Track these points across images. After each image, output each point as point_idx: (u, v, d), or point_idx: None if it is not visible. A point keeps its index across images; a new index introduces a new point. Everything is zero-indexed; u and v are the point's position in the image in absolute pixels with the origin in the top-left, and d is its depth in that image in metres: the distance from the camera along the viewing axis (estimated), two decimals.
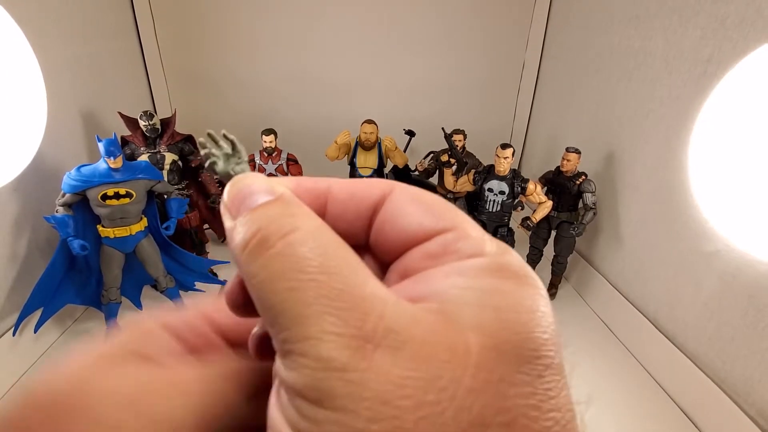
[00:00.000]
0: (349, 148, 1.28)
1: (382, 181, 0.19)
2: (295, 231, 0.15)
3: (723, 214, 0.83)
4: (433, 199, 0.18)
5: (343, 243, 0.15)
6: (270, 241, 0.14)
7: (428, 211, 0.17)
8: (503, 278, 0.15)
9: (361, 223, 0.18)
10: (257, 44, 1.66)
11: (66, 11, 1.18)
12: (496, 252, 0.16)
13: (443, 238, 0.16)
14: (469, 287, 0.15)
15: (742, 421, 0.76)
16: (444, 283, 0.15)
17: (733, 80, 0.80)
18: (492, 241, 0.17)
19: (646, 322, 1.01)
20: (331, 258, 0.14)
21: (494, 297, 0.14)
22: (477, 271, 0.15)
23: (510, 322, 0.14)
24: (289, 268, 0.14)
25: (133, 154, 1.14)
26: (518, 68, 1.73)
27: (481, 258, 0.16)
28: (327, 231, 0.15)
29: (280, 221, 0.15)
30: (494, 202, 1.08)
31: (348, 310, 0.13)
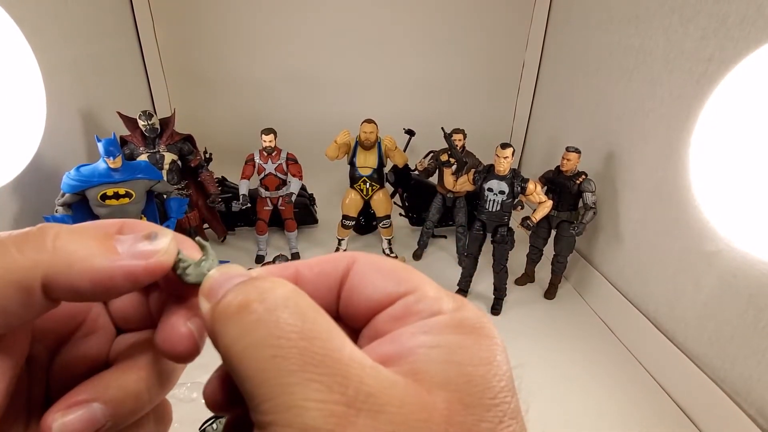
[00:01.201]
0: (348, 148, 1.28)
1: (344, 255, 0.20)
2: (274, 296, 0.15)
3: (723, 214, 0.83)
4: (392, 265, 0.19)
5: (319, 307, 0.16)
6: (251, 307, 0.15)
7: (389, 278, 0.19)
8: (462, 333, 0.17)
9: (330, 297, 0.20)
10: (257, 44, 1.66)
11: (65, 12, 1.18)
12: (453, 308, 0.18)
13: (405, 301, 0.18)
14: (435, 345, 0.16)
15: (742, 420, 0.76)
16: (412, 342, 0.16)
17: (735, 80, 0.80)
18: (449, 297, 0.18)
19: (646, 322, 1.02)
20: (310, 322, 0.15)
21: (456, 353, 0.16)
22: (439, 328, 0.17)
23: (471, 375, 0.15)
24: (270, 334, 0.14)
25: (132, 153, 1.14)
26: (518, 68, 1.73)
27: (441, 316, 0.17)
28: (303, 295, 0.16)
29: (260, 287, 0.16)
30: (494, 201, 1.08)
31: (330, 375, 0.14)
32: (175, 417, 0.76)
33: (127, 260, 0.16)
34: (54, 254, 0.15)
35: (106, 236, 0.17)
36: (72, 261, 0.16)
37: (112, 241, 0.17)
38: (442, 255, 1.44)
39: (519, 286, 1.28)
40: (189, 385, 0.84)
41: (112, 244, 0.17)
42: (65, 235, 0.16)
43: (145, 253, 0.17)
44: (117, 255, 0.16)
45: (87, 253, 0.16)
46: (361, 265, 0.19)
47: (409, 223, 1.54)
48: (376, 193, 1.32)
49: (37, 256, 0.15)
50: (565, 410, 0.88)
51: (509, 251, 1.13)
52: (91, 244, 0.16)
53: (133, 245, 0.17)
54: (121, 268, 0.16)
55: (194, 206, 1.28)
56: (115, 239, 0.17)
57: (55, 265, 0.15)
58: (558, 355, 1.03)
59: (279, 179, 1.28)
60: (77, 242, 0.16)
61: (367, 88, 1.74)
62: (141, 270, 0.17)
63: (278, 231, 1.43)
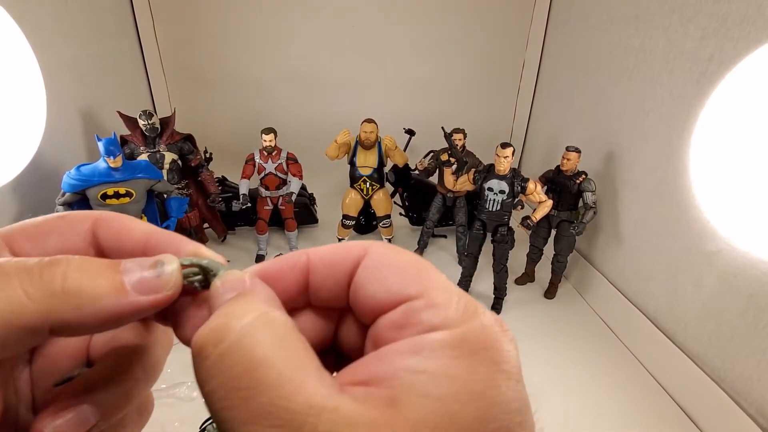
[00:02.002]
0: (349, 147, 1.28)
1: (357, 244, 0.19)
2: (229, 336, 0.14)
3: (724, 213, 0.83)
4: (404, 261, 0.18)
5: (286, 335, 0.15)
6: (206, 351, 0.14)
7: (396, 278, 0.17)
8: (458, 356, 0.15)
9: (340, 289, 0.19)
10: (257, 44, 1.66)
11: (66, 11, 1.18)
12: (458, 321, 0.16)
13: (408, 307, 0.16)
14: (421, 371, 0.14)
15: (742, 419, 0.76)
16: (398, 362, 0.15)
17: (735, 80, 0.80)
18: (458, 304, 0.16)
19: (646, 321, 1.02)
20: (262, 367, 0.14)
21: (441, 384, 0.14)
22: (433, 348, 0.15)
23: (454, 415, 0.14)
24: (221, 385, 0.14)
25: (132, 153, 1.14)
26: (518, 68, 1.73)
27: (439, 332, 0.15)
28: (267, 324, 0.15)
29: (219, 327, 0.15)
30: (494, 201, 1.08)
31: (280, 427, 0.13)
32: (175, 416, 0.77)
33: (136, 297, 0.16)
34: (64, 298, 0.15)
35: (112, 269, 0.16)
36: (81, 304, 0.15)
37: (119, 274, 0.16)
38: (442, 255, 1.44)
39: (519, 285, 1.28)
40: (189, 384, 0.84)
41: (120, 279, 0.16)
42: (74, 274, 0.15)
43: (153, 287, 0.16)
44: (126, 293, 0.16)
45: (96, 293, 0.15)
46: (371, 258, 0.18)
47: (409, 222, 1.54)
48: (376, 192, 1.32)
49: (45, 301, 0.15)
50: (564, 410, 0.88)
51: (509, 251, 1.13)
52: (100, 283, 0.16)
53: (141, 277, 0.16)
54: (130, 305, 0.16)
55: (194, 206, 1.28)
56: (122, 269, 0.16)
57: (65, 309, 0.15)
58: (558, 354, 1.03)
59: (279, 179, 1.28)
60: (86, 281, 0.15)
61: (367, 88, 1.74)
62: (149, 305, 0.16)
63: (278, 230, 1.43)
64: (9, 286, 0.14)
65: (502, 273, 1.14)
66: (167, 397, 0.83)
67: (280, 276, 0.19)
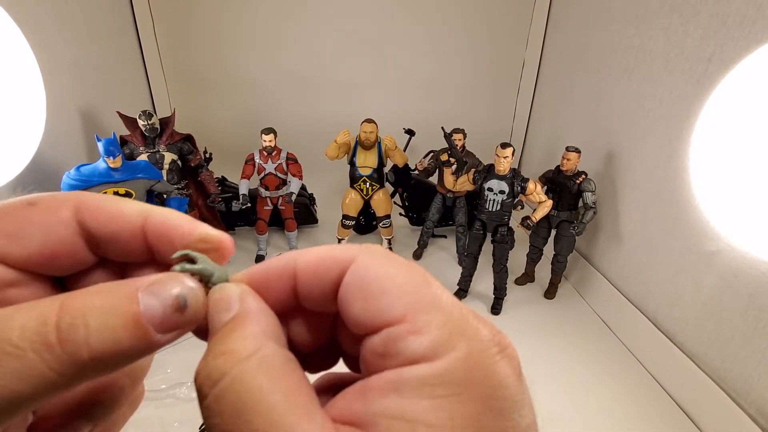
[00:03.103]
0: (348, 148, 1.28)
1: (343, 251, 0.17)
2: (224, 377, 0.14)
3: (724, 213, 0.83)
4: (388, 275, 0.16)
5: (281, 369, 0.15)
6: (203, 392, 0.15)
7: (378, 297, 0.15)
8: (440, 397, 0.13)
9: (327, 299, 0.17)
10: (257, 44, 1.66)
11: (65, 11, 1.18)
12: (442, 349, 0.14)
13: (388, 334, 0.15)
14: (399, 416, 0.13)
15: (742, 419, 0.76)
16: (378, 404, 0.14)
17: (735, 79, 0.80)
18: (444, 327, 0.14)
19: (646, 321, 1.02)
20: (253, 411, 0.14)
21: None
22: (413, 388, 0.14)
23: None
24: (217, 425, 0.14)
25: (132, 153, 1.14)
26: (518, 68, 1.73)
27: (420, 366, 0.14)
28: (261, 360, 0.15)
29: (213, 365, 0.15)
30: (494, 201, 1.08)
31: None
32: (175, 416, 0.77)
33: (160, 338, 0.15)
34: (91, 365, 0.14)
35: (134, 318, 0.15)
36: (109, 364, 0.15)
37: (141, 319, 0.15)
38: (442, 255, 1.44)
39: (519, 285, 1.28)
40: (189, 384, 0.84)
41: (145, 329, 0.15)
42: (96, 337, 0.14)
43: (176, 324, 0.16)
44: (152, 342, 0.15)
45: (123, 349, 0.14)
46: (355, 273, 0.17)
47: (409, 222, 1.54)
48: (376, 192, 1.32)
49: (72, 372, 0.14)
50: (564, 410, 0.88)
51: (509, 251, 1.13)
52: (125, 336, 0.14)
53: (163, 318, 0.15)
54: (155, 347, 0.15)
55: (194, 206, 1.28)
56: (143, 309, 0.15)
57: (93, 372, 0.14)
58: (558, 354, 1.03)
59: (279, 179, 1.28)
60: (110, 343, 0.14)
61: (367, 88, 1.74)
62: (172, 340, 0.16)
63: (278, 231, 1.43)
64: (27, 363, 0.13)
65: (502, 273, 1.14)
66: (167, 397, 0.83)
67: (269, 284, 0.18)
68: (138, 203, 0.18)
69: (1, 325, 0.14)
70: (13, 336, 0.13)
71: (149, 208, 0.18)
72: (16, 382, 0.13)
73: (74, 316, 0.14)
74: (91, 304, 0.15)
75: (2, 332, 0.13)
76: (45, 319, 0.14)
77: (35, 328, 0.14)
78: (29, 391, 0.13)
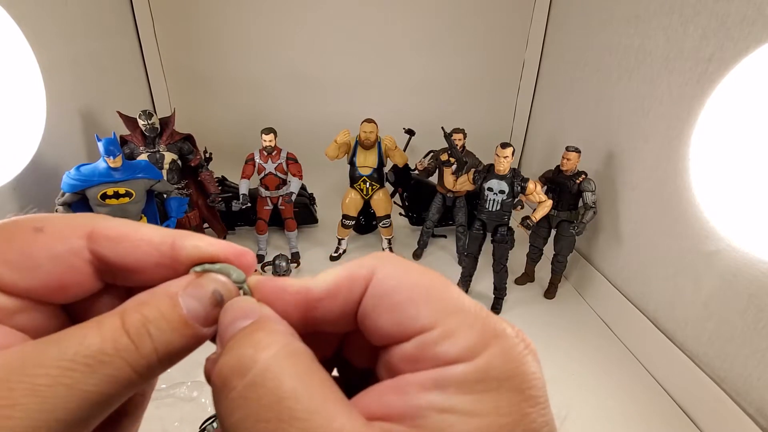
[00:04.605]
0: (348, 147, 1.28)
1: (362, 266, 0.17)
2: (254, 368, 0.14)
3: (724, 213, 0.83)
4: (412, 284, 0.16)
5: (308, 367, 0.15)
6: (231, 383, 0.14)
7: (405, 307, 0.16)
8: (483, 391, 0.14)
9: (346, 319, 0.18)
10: (257, 43, 1.66)
11: (65, 11, 1.18)
12: (477, 349, 0.15)
13: (421, 340, 0.15)
14: (447, 409, 0.14)
15: (741, 419, 0.76)
16: (421, 399, 0.14)
17: (735, 79, 0.80)
18: (475, 329, 0.15)
19: (646, 321, 1.02)
20: (290, 400, 0.13)
21: (470, 423, 0.14)
22: (456, 383, 0.14)
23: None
24: (248, 416, 0.14)
25: (132, 153, 1.14)
26: (518, 68, 1.73)
27: (461, 366, 0.15)
28: (289, 356, 0.15)
29: (242, 359, 0.15)
30: (494, 201, 1.08)
31: None
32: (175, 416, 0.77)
33: (206, 332, 0.17)
34: (160, 364, 0.16)
35: (182, 319, 0.16)
36: (173, 361, 0.16)
37: (188, 320, 0.16)
38: (442, 255, 1.44)
39: (519, 285, 1.28)
40: (189, 384, 0.84)
41: (193, 327, 0.16)
42: (160, 339, 0.16)
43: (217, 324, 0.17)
44: (201, 336, 0.17)
45: (182, 347, 0.16)
46: (378, 283, 0.17)
47: (409, 222, 1.54)
48: (376, 192, 1.32)
49: (149, 372, 0.16)
50: (564, 409, 0.88)
51: (509, 251, 1.13)
52: (181, 336, 0.16)
53: (206, 314, 0.17)
54: (203, 340, 0.17)
55: (194, 206, 1.28)
56: (186, 311, 0.16)
57: (161, 369, 0.16)
58: (558, 354, 1.03)
59: (279, 179, 1.28)
60: (174, 343, 0.16)
61: (367, 88, 1.74)
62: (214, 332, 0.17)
63: (278, 230, 1.43)
64: (117, 368, 0.15)
65: (502, 273, 1.14)
66: (167, 397, 0.83)
67: (280, 304, 0.18)
68: (153, 227, 0.18)
69: (84, 341, 0.15)
70: (101, 347, 0.15)
71: (173, 233, 0.18)
72: (111, 386, 0.15)
73: (137, 327, 0.16)
74: (144, 316, 0.16)
75: (90, 346, 0.15)
76: (119, 331, 0.15)
77: (115, 339, 0.15)
78: (118, 393, 0.15)
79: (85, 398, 0.14)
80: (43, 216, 0.17)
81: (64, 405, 0.14)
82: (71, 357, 0.14)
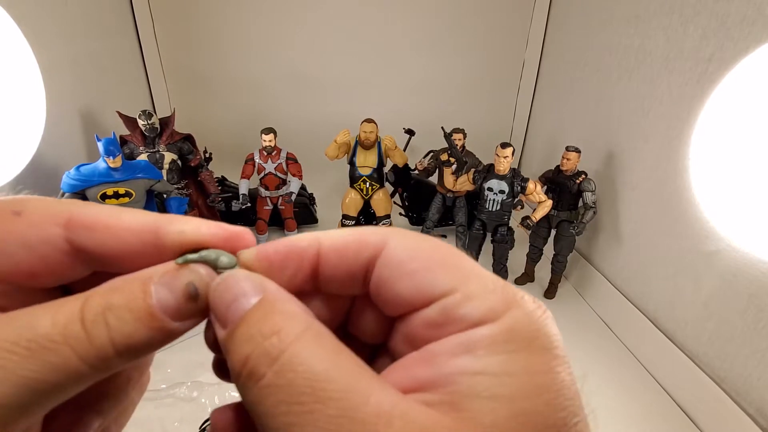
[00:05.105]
0: (348, 147, 1.28)
1: (374, 233, 0.17)
2: (283, 353, 0.14)
3: (724, 213, 0.83)
4: (430, 251, 0.16)
5: (335, 347, 0.15)
6: (259, 372, 0.14)
7: (424, 272, 0.16)
8: (513, 351, 0.14)
9: (355, 281, 0.17)
10: (256, 43, 1.66)
11: (65, 10, 1.18)
12: (502, 311, 0.15)
13: (443, 304, 0.15)
14: (479, 371, 0.14)
15: (742, 419, 0.76)
16: (451, 366, 0.14)
17: (735, 79, 0.80)
18: (496, 293, 0.15)
19: (646, 321, 1.02)
20: (323, 381, 0.13)
21: (505, 383, 0.14)
22: (485, 345, 0.14)
23: (526, 414, 0.13)
24: (282, 401, 0.13)
25: (132, 153, 1.14)
26: (518, 68, 1.73)
27: (486, 326, 0.15)
28: (314, 337, 0.15)
29: (266, 345, 0.14)
30: (494, 201, 1.08)
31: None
32: (175, 416, 0.77)
33: (176, 326, 0.16)
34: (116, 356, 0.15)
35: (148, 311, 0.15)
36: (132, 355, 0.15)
37: (156, 312, 0.15)
38: None
39: (519, 285, 1.28)
40: (189, 384, 0.84)
41: (160, 318, 0.15)
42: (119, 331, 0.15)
43: (190, 313, 0.16)
44: (171, 331, 0.15)
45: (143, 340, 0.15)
46: (393, 251, 0.17)
47: (409, 222, 1.54)
48: (376, 192, 1.32)
49: (101, 363, 0.14)
50: None
51: (509, 251, 1.13)
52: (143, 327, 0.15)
53: (177, 307, 0.16)
54: (172, 335, 0.16)
55: (194, 206, 1.28)
56: (155, 301, 0.15)
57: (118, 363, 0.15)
58: None
59: (279, 179, 1.28)
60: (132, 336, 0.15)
61: (367, 88, 1.74)
62: (189, 328, 0.16)
63: (278, 230, 1.43)
64: (63, 356, 0.14)
65: (502, 273, 1.14)
66: (167, 397, 0.83)
67: (287, 264, 0.17)
68: (136, 213, 0.17)
69: (33, 322, 0.14)
70: (48, 331, 0.14)
71: (156, 219, 0.17)
72: (53, 375, 0.14)
73: (95, 313, 0.15)
74: (107, 302, 0.15)
75: (37, 328, 0.14)
76: (73, 317, 0.15)
77: (66, 325, 0.14)
78: (63, 383, 0.14)
79: (23, 384, 0.13)
80: (25, 198, 0.17)
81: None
82: (14, 339, 0.14)
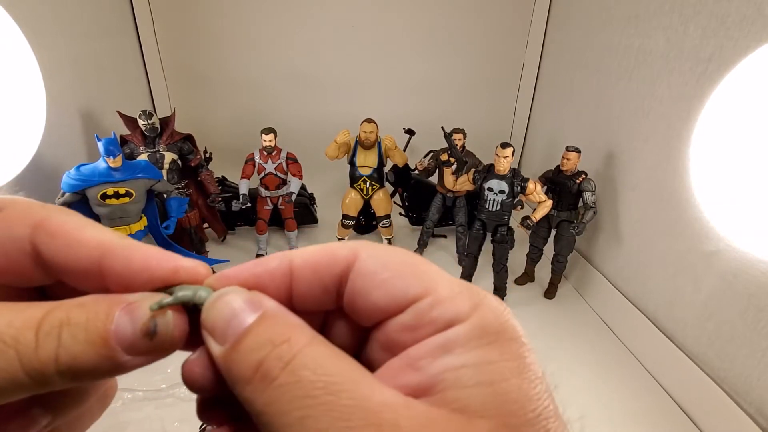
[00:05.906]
0: (348, 147, 1.28)
1: (343, 247, 0.18)
2: (295, 357, 0.14)
3: (724, 213, 0.83)
4: (399, 260, 0.17)
5: (339, 351, 0.15)
6: (272, 374, 0.14)
7: (396, 280, 0.17)
8: (486, 344, 0.16)
9: (328, 295, 0.18)
10: (257, 43, 1.66)
11: (65, 10, 1.18)
12: (470, 310, 0.16)
13: (416, 308, 0.16)
14: (461, 365, 0.15)
15: (741, 419, 0.76)
16: (436, 366, 0.15)
17: (735, 79, 0.80)
18: (463, 294, 0.16)
19: (646, 321, 1.02)
20: (333, 375, 0.14)
21: (485, 371, 0.15)
22: (461, 342, 0.15)
23: (507, 393, 0.15)
24: (296, 396, 0.14)
25: (132, 153, 1.14)
26: (518, 68, 1.73)
27: (459, 326, 0.16)
28: (321, 343, 0.15)
29: (278, 350, 0.15)
30: (494, 201, 1.08)
31: (363, 427, 0.13)
32: (175, 416, 0.77)
33: (130, 360, 0.15)
34: (59, 375, 0.14)
35: (104, 338, 0.15)
36: (75, 378, 0.15)
37: (110, 339, 0.15)
38: (442, 255, 1.44)
39: (519, 285, 1.28)
40: None
41: (112, 349, 0.15)
42: (67, 351, 0.14)
43: (147, 350, 0.15)
44: (119, 363, 0.15)
45: (91, 366, 0.14)
46: (364, 263, 0.17)
47: (409, 222, 1.54)
48: (376, 192, 1.32)
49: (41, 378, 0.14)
50: (563, 409, 0.88)
51: (509, 251, 1.13)
52: (93, 353, 0.14)
53: (133, 342, 0.15)
54: (125, 368, 0.15)
55: (194, 206, 1.28)
56: (113, 329, 0.15)
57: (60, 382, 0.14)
58: (558, 354, 1.03)
59: (279, 179, 1.28)
60: (80, 359, 0.14)
61: (367, 88, 1.74)
62: (144, 364, 0.16)
63: (278, 230, 1.43)
64: (7, 361, 0.14)
65: (502, 273, 1.14)
66: (167, 397, 0.83)
67: (260, 284, 0.17)
68: (101, 235, 0.17)
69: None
70: (2, 330, 0.14)
71: (110, 243, 0.16)
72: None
73: (52, 325, 0.14)
74: (68, 317, 0.14)
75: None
76: (30, 323, 0.14)
77: (20, 330, 0.14)
78: (8, 388, 0.14)
79: None
80: (9, 199, 0.17)
81: None
82: None
